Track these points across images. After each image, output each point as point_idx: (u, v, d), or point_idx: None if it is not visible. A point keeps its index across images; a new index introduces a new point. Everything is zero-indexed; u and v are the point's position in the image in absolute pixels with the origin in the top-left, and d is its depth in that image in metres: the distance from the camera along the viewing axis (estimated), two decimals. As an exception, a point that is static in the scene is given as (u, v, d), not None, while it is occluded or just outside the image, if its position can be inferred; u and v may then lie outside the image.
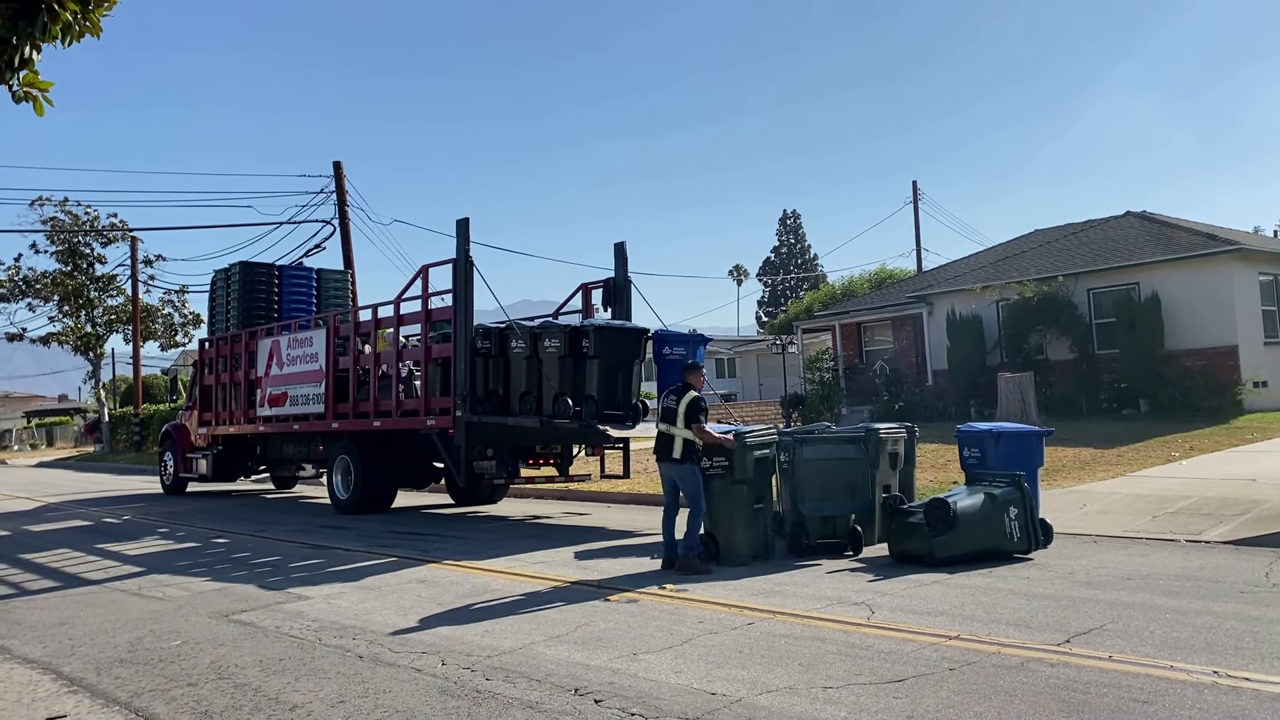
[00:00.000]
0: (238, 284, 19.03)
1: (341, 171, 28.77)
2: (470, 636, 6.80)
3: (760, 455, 9.61)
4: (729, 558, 9.32)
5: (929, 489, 12.77)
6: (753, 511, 9.46)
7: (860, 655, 5.96)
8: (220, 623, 7.61)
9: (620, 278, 14.63)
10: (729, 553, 9.36)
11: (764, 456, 9.68)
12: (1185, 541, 9.64)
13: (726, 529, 9.44)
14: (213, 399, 19.45)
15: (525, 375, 12.82)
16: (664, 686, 5.45)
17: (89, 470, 33.66)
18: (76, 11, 4.32)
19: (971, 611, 7.03)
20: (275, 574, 9.89)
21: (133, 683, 5.99)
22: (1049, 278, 23.57)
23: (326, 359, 16.07)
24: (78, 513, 17.55)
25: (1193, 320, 21.52)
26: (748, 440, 9.45)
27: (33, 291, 44.66)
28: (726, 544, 9.40)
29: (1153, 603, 7.12)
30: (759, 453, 9.60)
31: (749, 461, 9.41)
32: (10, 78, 4.32)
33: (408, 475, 15.79)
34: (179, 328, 46.26)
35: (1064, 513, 11.11)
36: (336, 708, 5.30)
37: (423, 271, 14.45)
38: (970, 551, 8.83)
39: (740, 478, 9.37)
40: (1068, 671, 5.48)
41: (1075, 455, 15.62)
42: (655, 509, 14.43)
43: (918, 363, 27.06)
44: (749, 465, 9.41)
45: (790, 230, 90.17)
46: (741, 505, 9.41)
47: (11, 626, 7.81)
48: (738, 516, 9.42)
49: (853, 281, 50.70)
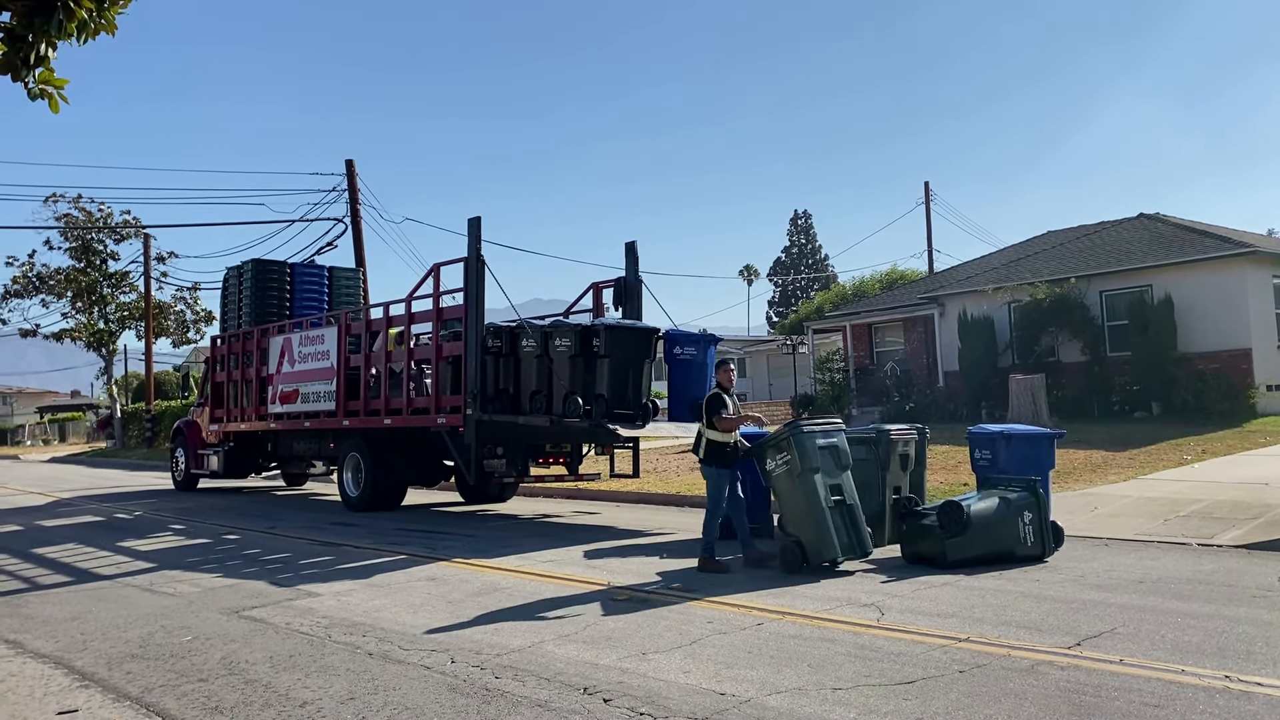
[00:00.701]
0: (250, 281, 19.09)
1: (354, 170, 28.86)
2: (479, 634, 6.81)
3: (827, 443, 9.01)
4: (815, 559, 8.71)
5: (939, 490, 12.74)
6: (831, 505, 8.77)
7: (870, 657, 5.95)
8: (231, 619, 7.64)
9: (631, 277, 14.63)
10: (814, 554, 8.71)
11: (832, 445, 9.04)
12: (1197, 545, 9.60)
13: (802, 528, 8.80)
14: (224, 396, 19.52)
15: (536, 374, 12.84)
16: (673, 686, 5.45)
17: (101, 466, 33.82)
18: (92, 9, 4.34)
19: (982, 614, 7.01)
20: (286, 570, 9.93)
21: (144, 678, 6.02)
22: (1061, 279, 23.49)
23: (338, 356, 16.12)
24: (90, 508, 17.64)
25: (1206, 323, 21.42)
26: (805, 429, 8.99)
27: (46, 288, 44.91)
28: (809, 546, 8.74)
29: (1164, 606, 7.09)
30: (824, 440, 9.00)
31: (810, 450, 8.82)
32: (26, 75, 4.34)
33: (418, 473, 15.81)
34: (191, 324, 46.41)
35: (1075, 515, 11.07)
36: (346, 705, 5.31)
37: (434, 270, 14.48)
38: (983, 555, 8.81)
39: (808, 467, 8.78)
40: (1078, 675, 5.46)
41: (1087, 457, 15.56)
42: (664, 508, 14.48)
43: (929, 364, 27.00)
44: (811, 454, 8.80)
45: (801, 230, 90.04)
46: (814, 500, 8.72)
47: (24, 621, 7.85)
48: (812, 513, 8.72)
49: (864, 282, 50.65)
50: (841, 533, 8.78)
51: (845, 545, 8.79)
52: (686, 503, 14.54)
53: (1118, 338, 22.75)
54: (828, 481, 8.87)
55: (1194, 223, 26.36)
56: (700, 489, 14.27)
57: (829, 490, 8.84)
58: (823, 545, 8.68)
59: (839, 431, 9.29)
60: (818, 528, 8.69)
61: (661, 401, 13.38)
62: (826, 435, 9.09)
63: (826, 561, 8.72)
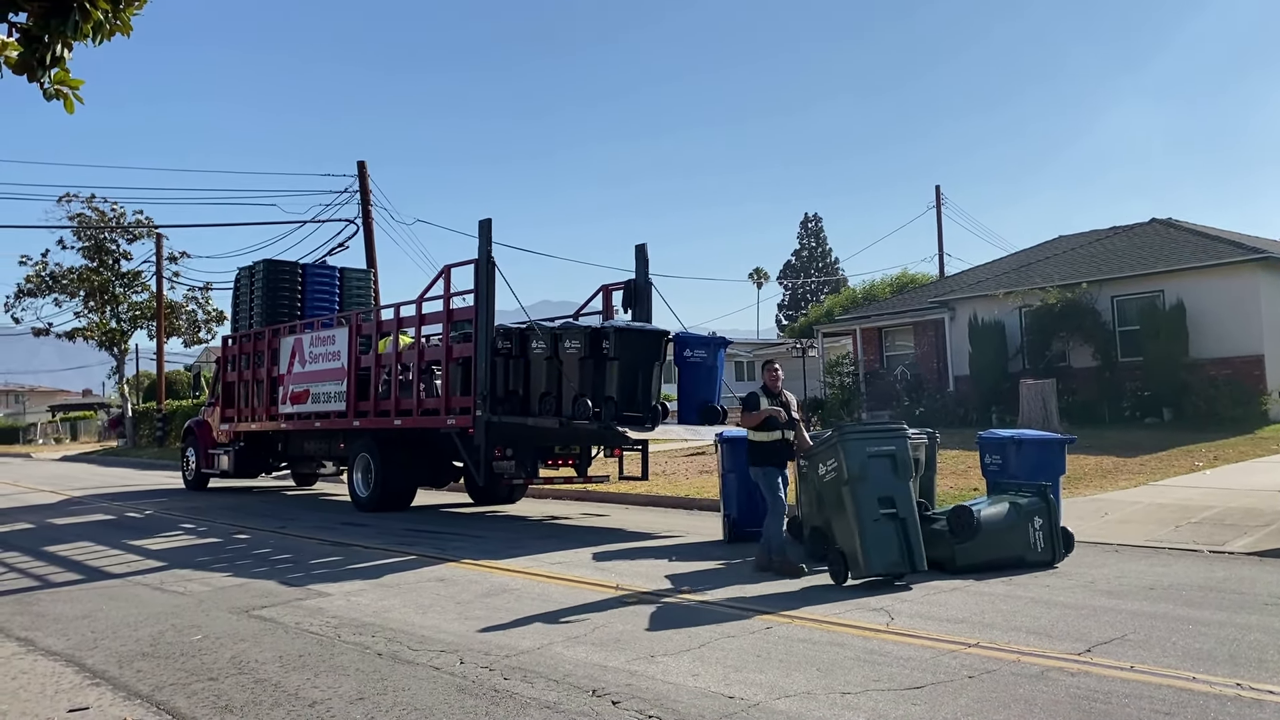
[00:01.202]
0: (261, 282, 19.17)
1: (365, 171, 28.93)
2: (488, 636, 6.82)
3: (881, 451, 8.46)
4: (857, 574, 8.27)
5: (949, 495, 12.71)
6: (878, 518, 8.26)
7: (879, 661, 5.93)
8: (241, 618, 7.66)
9: (641, 279, 14.63)
10: (854, 566, 8.28)
11: (887, 453, 8.49)
12: (1209, 552, 9.55)
13: (847, 540, 8.38)
14: (235, 395, 19.60)
15: (545, 376, 12.85)
16: (681, 689, 5.45)
17: (112, 465, 33.96)
18: (107, 10, 4.36)
19: (991, 619, 6.99)
20: (295, 570, 9.95)
21: (154, 676, 6.04)
22: (1073, 284, 23.41)
23: (348, 357, 16.17)
24: (101, 507, 17.72)
25: (1218, 328, 21.33)
26: (853, 435, 8.59)
27: (59, 287, 45.10)
28: (851, 558, 8.31)
29: (1175, 613, 7.06)
30: (875, 448, 8.46)
31: (858, 459, 8.38)
32: (42, 75, 4.37)
33: (427, 474, 15.84)
34: (202, 324, 46.56)
35: (1085, 521, 11.03)
36: (355, 705, 5.33)
37: (445, 271, 14.52)
38: (993, 560, 8.79)
39: (854, 476, 8.38)
40: (1088, 681, 5.44)
41: (1097, 463, 15.51)
42: (673, 511, 14.48)
43: (939, 368, 26.93)
44: (858, 463, 8.36)
45: (811, 233, 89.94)
46: (859, 511, 8.29)
47: (35, 619, 7.89)
48: (855, 525, 8.28)
49: (874, 286, 50.51)
50: (890, 548, 8.24)
51: (892, 561, 8.23)
52: (695, 506, 14.53)
53: (1129, 343, 22.66)
54: (878, 493, 8.35)
55: (1206, 228, 26.26)
56: (709, 492, 14.27)
57: (879, 502, 8.32)
58: (866, 559, 8.19)
59: (897, 438, 8.68)
60: (861, 541, 8.21)
61: (671, 404, 13.37)
62: (880, 443, 8.53)
63: (871, 577, 8.24)
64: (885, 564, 8.22)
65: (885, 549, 8.24)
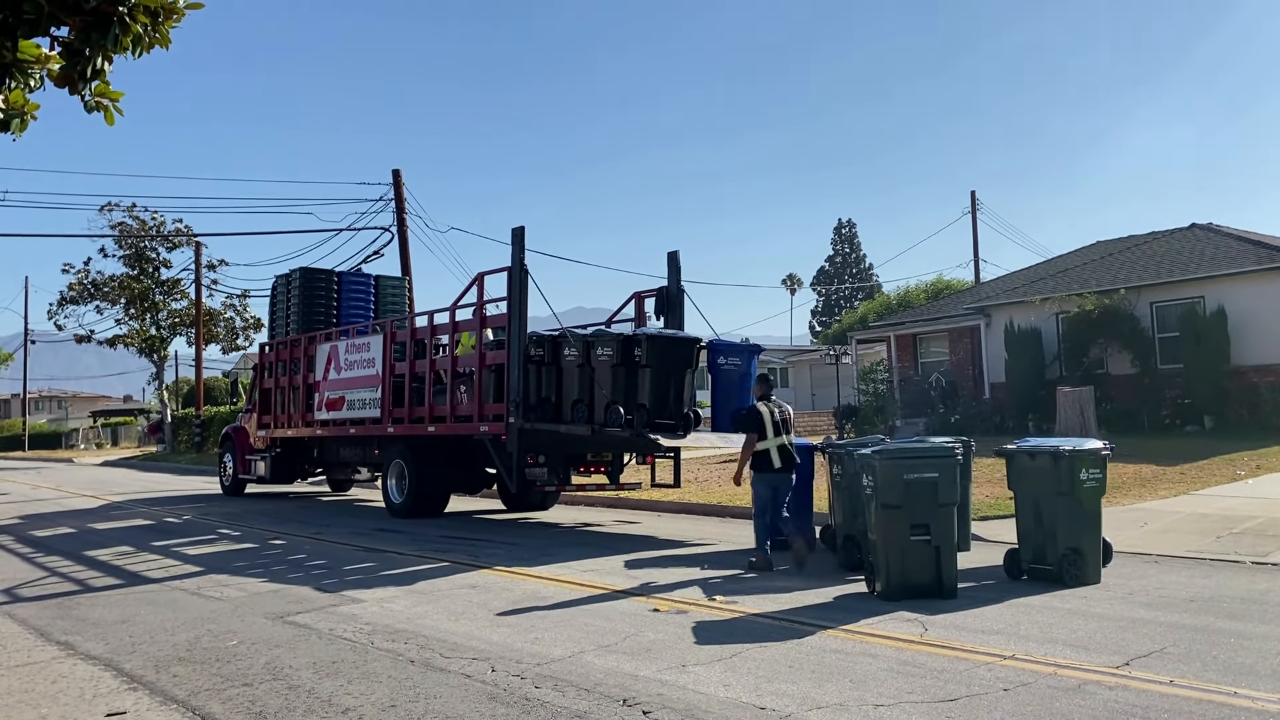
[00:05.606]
0: (298, 289, 19.35)
1: (400, 179, 29.15)
2: (520, 644, 6.83)
3: (919, 478, 8.05)
4: (885, 592, 8.08)
5: (984, 504, 12.58)
6: (908, 544, 8.01)
7: (912, 673, 5.88)
8: (275, 624, 7.73)
9: (673, 287, 14.64)
10: (885, 586, 8.09)
11: (927, 480, 8.04)
12: (1251, 563, 9.38)
13: (876, 557, 8.25)
14: (272, 402, 19.80)
15: (578, 383, 12.87)
16: (713, 699, 5.42)
17: (151, 470, 34.43)
18: (147, 24, 4.42)
19: (1027, 631, 6.91)
20: (330, 576, 10.02)
21: (190, 681, 6.11)
22: (1110, 290, 23.14)
23: (383, 364, 16.29)
24: (140, 511, 17.95)
25: (1261, 335, 20.98)
26: (889, 456, 8.21)
27: (101, 295, 45.96)
28: (880, 577, 8.17)
29: (1216, 626, 6.94)
30: (914, 474, 8.06)
31: (891, 483, 8.08)
32: (83, 88, 4.44)
33: (461, 480, 15.91)
34: (240, 331, 47.17)
35: (1124, 531, 10.87)
36: (388, 712, 5.35)
37: (478, 279, 14.59)
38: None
39: (884, 502, 8.08)
40: (1126, 695, 5.35)
41: (1136, 472, 15.29)
42: (706, 519, 14.45)
43: (974, 375, 26.69)
44: (891, 487, 8.08)
45: (845, 239, 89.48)
46: (886, 534, 8.07)
47: (76, 623, 8.00)
48: (883, 546, 8.09)
49: (909, 292, 50.19)
50: (920, 573, 8.04)
51: (918, 586, 8.00)
52: (728, 513, 14.48)
53: (1169, 350, 22.35)
54: (911, 520, 8.04)
55: (1248, 232, 25.85)
56: (742, 500, 14.21)
57: (911, 528, 8.02)
58: (887, 581, 8.07)
59: (941, 462, 8.21)
60: (887, 562, 8.07)
61: (705, 411, 13.34)
62: (919, 469, 8.10)
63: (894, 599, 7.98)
64: (912, 590, 8.02)
65: (914, 573, 8.05)
